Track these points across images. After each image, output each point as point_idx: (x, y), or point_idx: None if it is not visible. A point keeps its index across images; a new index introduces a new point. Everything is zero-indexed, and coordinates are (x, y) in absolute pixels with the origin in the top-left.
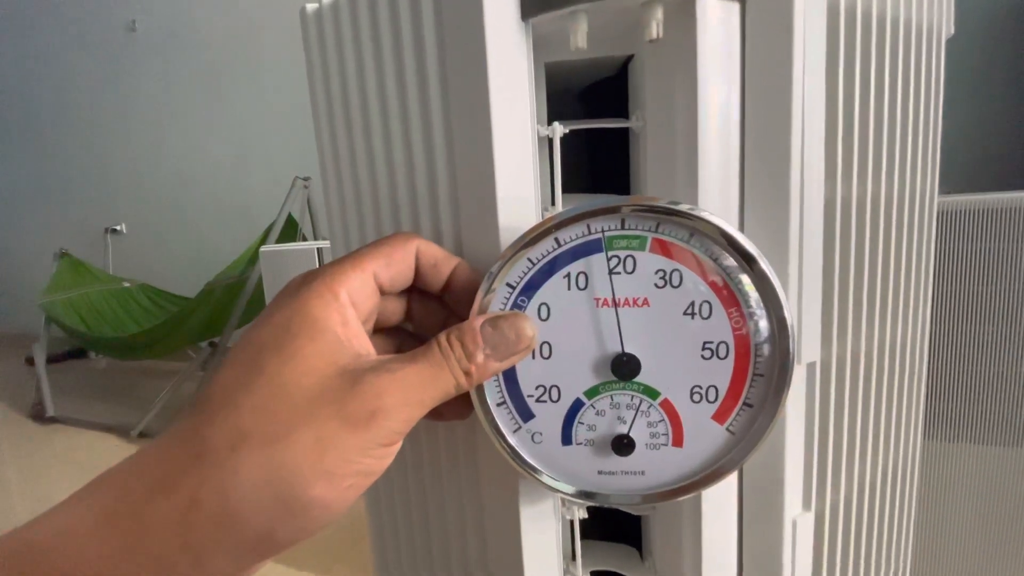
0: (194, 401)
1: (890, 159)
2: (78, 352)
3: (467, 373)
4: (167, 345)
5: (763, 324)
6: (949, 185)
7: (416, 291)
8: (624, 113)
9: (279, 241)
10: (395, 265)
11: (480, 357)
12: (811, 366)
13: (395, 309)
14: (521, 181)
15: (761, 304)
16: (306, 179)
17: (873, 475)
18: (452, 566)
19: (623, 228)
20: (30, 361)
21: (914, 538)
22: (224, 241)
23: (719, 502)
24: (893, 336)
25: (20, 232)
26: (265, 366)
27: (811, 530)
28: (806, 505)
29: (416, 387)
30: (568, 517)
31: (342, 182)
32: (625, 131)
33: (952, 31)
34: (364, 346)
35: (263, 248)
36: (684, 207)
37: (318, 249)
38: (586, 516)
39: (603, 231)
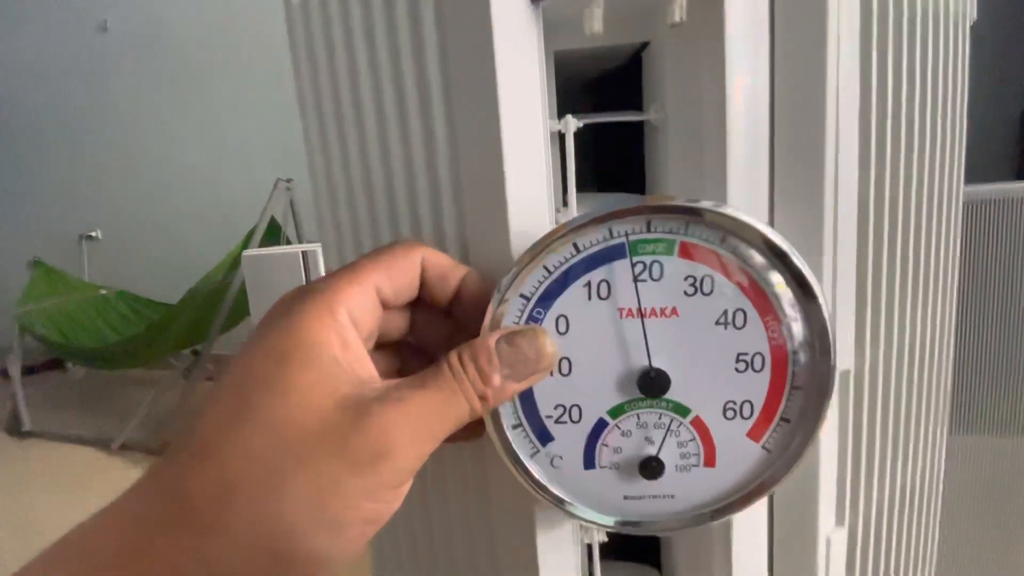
0: (175, 442)
1: (921, 149)
2: (54, 363)
3: (482, 397)
4: (148, 354)
5: (799, 331)
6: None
7: (420, 303)
8: (634, 106)
9: (262, 245)
10: (399, 277)
11: (496, 379)
12: (844, 374)
13: (398, 324)
14: (533, 181)
15: (797, 309)
16: (288, 181)
17: (904, 480)
18: None
19: (649, 231)
20: (4, 374)
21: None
22: (204, 246)
23: (750, 521)
24: (923, 336)
25: None
26: (256, 404)
27: (844, 546)
28: (839, 521)
29: (427, 418)
30: (587, 541)
31: (333, 183)
32: (637, 126)
33: (975, 16)
34: (367, 370)
35: (245, 252)
36: (717, 207)
37: (303, 252)
38: (606, 540)
39: (627, 235)
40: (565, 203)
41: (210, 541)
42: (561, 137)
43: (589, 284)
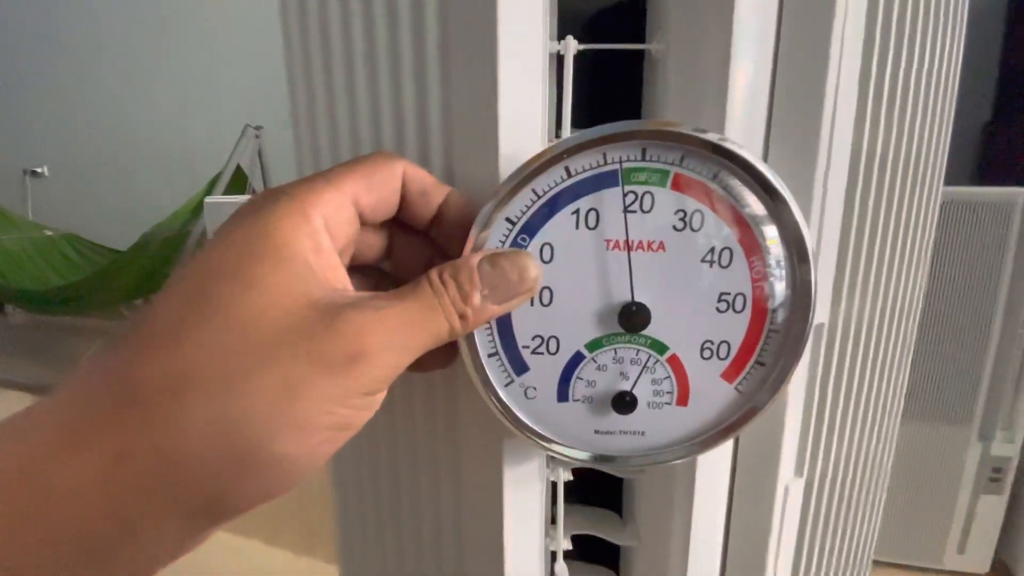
0: (123, 331)
1: (914, 107)
2: None
3: (462, 316)
4: (95, 301)
5: (783, 276)
6: None
7: (398, 224)
8: (635, 39)
9: (226, 193)
10: (378, 189)
11: (477, 298)
12: (818, 327)
13: (372, 243)
14: (528, 100)
15: (784, 254)
16: (258, 128)
17: (860, 445)
18: (423, 531)
19: (644, 159)
20: None
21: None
22: (162, 191)
23: (714, 464)
24: (896, 300)
25: None
26: (218, 296)
27: (800, 496)
28: (798, 471)
29: (404, 329)
30: (552, 479)
31: (316, 123)
32: (635, 60)
33: None
34: (340, 279)
35: (208, 199)
36: (717, 138)
37: None
38: (571, 478)
39: (621, 161)
40: (558, 133)
41: (163, 433)
42: (559, 60)
43: (578, 212)
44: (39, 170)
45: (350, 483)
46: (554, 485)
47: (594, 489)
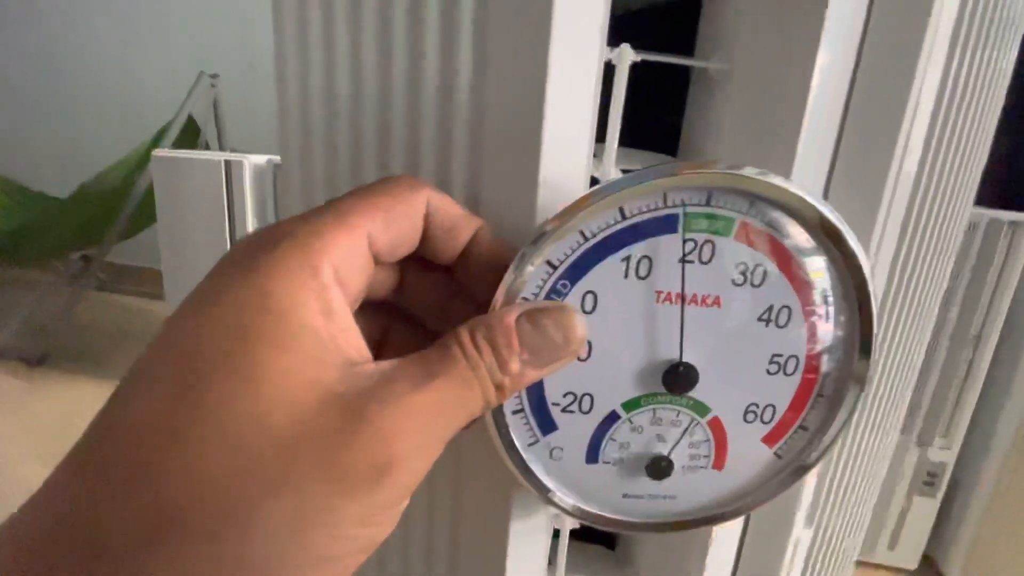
0: (85, 444)
1: (962, 159)
2: None
3: (498, 387)
4: (25, 252)
5: (841, 341)
6: None
7: (414, 257)
8: (679, 51)
9: (176, 146)
10: (398, 225)
11: (516, 365)
12: None
13: (384, 280)
14: (577, 118)
15: (843, 314)
16: (214, 76)
17: (860, 477)
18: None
19: (709, 204)
20: None
21: None
22: (104, 138)
23: (732, 522)
24: (909, 347)
25: None
26: (208, 395)
27: (807, 545)
28: (808, 523)
29: (437, 418)
30: (557, 527)
31: (308, 79)
32: (679, 77)
33: None
34: (355, 347)
35: (156, 152)
36: (818, 202)
37: (226, 161)
38: (578, 526)
39: (683, 204)
40: (595, 154)
41: None
42: (608, 71)
43: (628, 259)
44: None
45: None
46: (556, 530)
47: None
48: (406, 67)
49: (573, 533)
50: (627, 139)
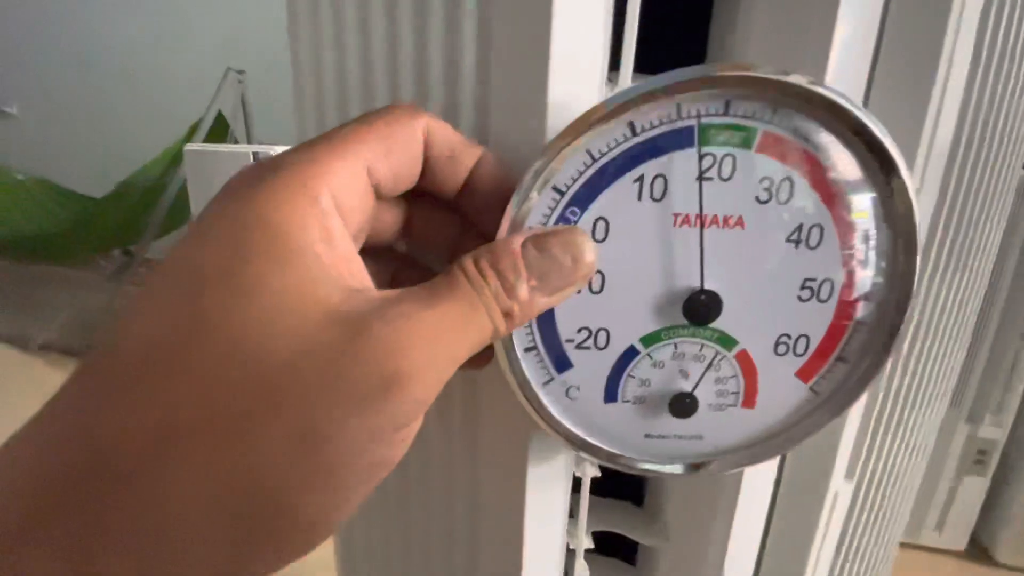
0: (88, 361)
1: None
2: None
3: (507, 313)
4: (70, 251)
5: (882, 262)
6: None
7: (417, 194)
8: None
9: (207, 141)
10: (397, 153)
11: (524, 290)
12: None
13: (388, 220)
14: (587, 34)
15: (886, 233)
16: (240, 72)
17: (910, 440)
18: (432, 529)
19: (727, 113)
20: None
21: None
22: (140, 136)
23: (762, 466)
24: (965, 293)
25: None
26: (208, 309)
27: (848, 501)
28: (850, 474)
29: (444, 338)
30: (578, 475)
31: (321, 77)
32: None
33: None
34: (357, 274)
35: (188, 147)
36: (833, 92)
37: (254, 154)
38: (599, 474)
39: (699, 115)
40: (610, 79)
41: (147, 506)
42: None
43: (641, 179)
44: (8, 109)
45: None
46: (577, 480)
47: (613, 478)
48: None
49: (600, 489)
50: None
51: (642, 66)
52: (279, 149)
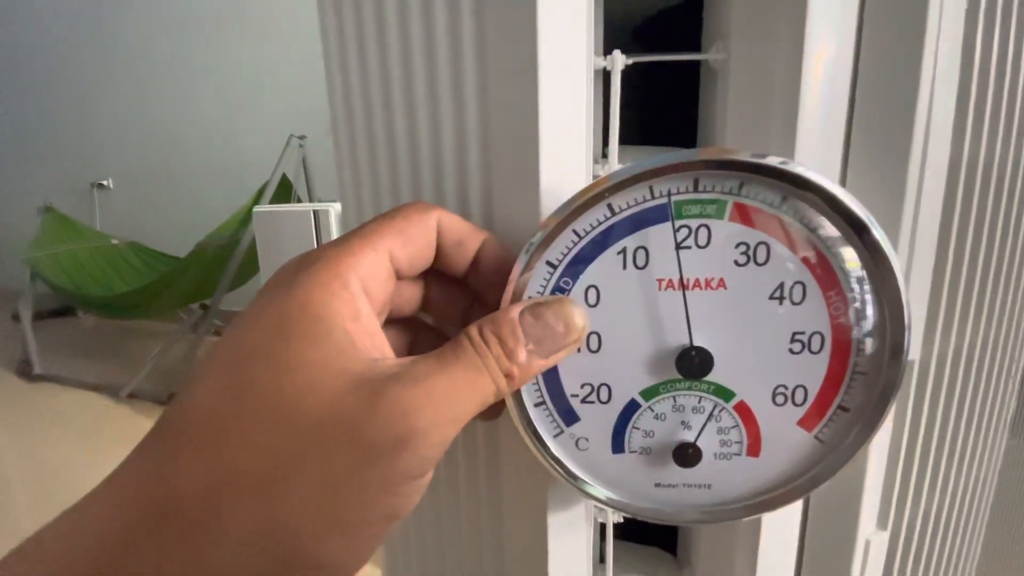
0: (157, 427)
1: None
2: (65, 309)
3: (508, 375)
4: (156, 306)
5: (869, 310)
6: None
7: (434, 273)
8: (691, 49)
9: (273, 202)
10: (414, 242)
11: (522, 354)
12: (908, 364)
13: (409, 297)
14: (571, 127)
15: (868, 285)
16: (301, 137)
17: (957, 484)
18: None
19: (696, 190)
20: (16, 317)
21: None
22: (214, 200)
23: (783, 514)
24: (998, 329)
25: (1, 184)
26: (255, 384)
27: (884, 551)
28: (882, 523)
29: (450, 399)
30: (601, 520)
31: (355, 136)
32: (690, 73)
33: None
34: (380, 347)
35: (256, 208)
36: (779, 162)
37: (314, 211)
38: (621, 520)
39: (670, 194)
40: (605, 155)
41: (202, 545)
42: (605, 77)
43: (624, 251)
44: (104, 182)
45: (396, 545)
46: (602, 525)
47: (646, 527)
48: (428, 133)
49: (632, 535)
50: (650, 137)
51: (646, 135)
52: (336, 205)
